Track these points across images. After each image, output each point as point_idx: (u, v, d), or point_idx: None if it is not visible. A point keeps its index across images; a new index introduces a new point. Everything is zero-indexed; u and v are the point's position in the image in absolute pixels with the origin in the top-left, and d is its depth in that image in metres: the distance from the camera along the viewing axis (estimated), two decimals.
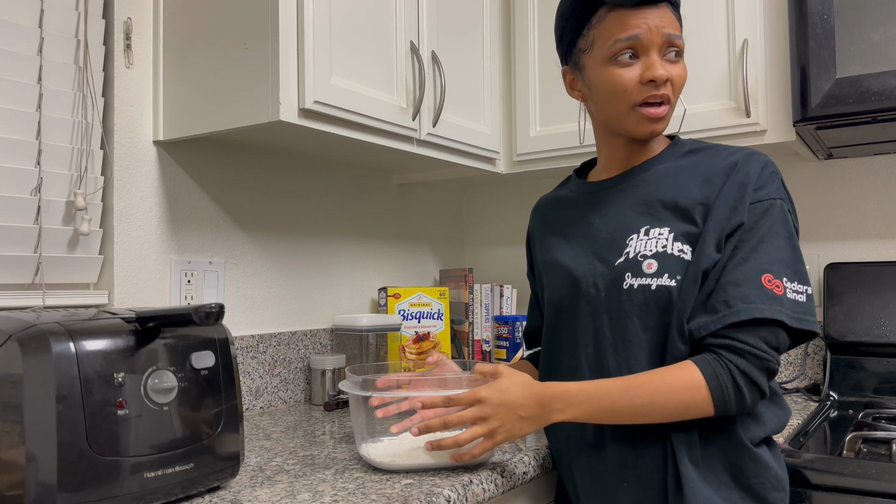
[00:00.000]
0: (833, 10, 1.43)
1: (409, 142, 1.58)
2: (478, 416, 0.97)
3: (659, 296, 0.99)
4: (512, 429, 0.98)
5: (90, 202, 1.33)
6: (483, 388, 0.99)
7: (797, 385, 1.83)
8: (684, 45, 1.05)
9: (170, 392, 0.91)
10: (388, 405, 1.07)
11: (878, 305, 1.68)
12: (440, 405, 1.00)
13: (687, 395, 0.92)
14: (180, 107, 1.40)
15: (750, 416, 0.99)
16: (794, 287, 0.95)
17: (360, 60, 1.42)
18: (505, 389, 0.98)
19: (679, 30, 1.05)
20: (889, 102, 1.38)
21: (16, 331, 0.83)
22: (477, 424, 0.98)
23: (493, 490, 1.05)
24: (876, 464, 1.14)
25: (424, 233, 2.21)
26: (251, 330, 1.62)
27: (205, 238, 1.53)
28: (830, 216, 1.84)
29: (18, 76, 1.25)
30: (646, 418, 0.94)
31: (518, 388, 0.98)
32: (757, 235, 0.96)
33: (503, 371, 1.01)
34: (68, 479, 0.80)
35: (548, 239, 1.18)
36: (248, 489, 0.99)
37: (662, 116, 1.03)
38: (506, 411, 0.97)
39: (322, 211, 1.83)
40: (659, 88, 1.02)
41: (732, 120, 1.59)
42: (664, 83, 1.02)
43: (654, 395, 0.93)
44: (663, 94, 1.02)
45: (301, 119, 1.30)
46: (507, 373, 1.01)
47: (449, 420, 0.98)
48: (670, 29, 1.02)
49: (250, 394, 1.58)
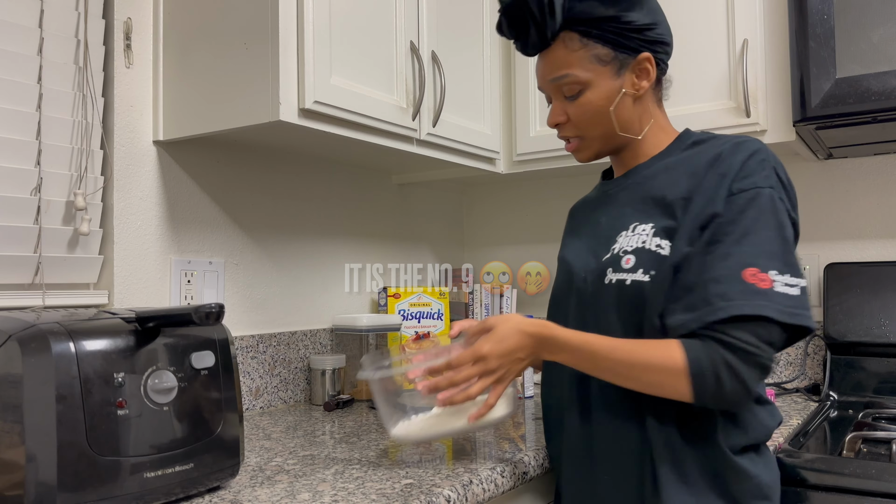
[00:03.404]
0: (833, 10, 1.43)
1: (409, 142, 1.58)
2: (483, 371, 1.00)
3: (633, 291, 0.98)
4: (514, 370, 1.02)
5: (90, 202, 1.33)
6: (482, 342, 1.00)
7: (797, 385, 1.83)
8: (581, 78, 1.05)
9: (170, 392, 0.91)
10: None
11: (878, 305, 1.68)
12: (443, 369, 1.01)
13: (664, 376, 0.91)
14: (180, 107, 1.40)
15: (732, 422, 0.96)
16: (786, 280, 0.90)
17: (360, 60, 1.42)
18: (503, 338, 0.99)
19: (571, 66, 1.05)
20: (889, 102, 1.38)
21: (16, 331, 0.83)
22: (483, 378, 1.00)
23: (493, 490, 1.05)
24: (876, 464, 1.14)
25: (424, 233, 2.21)
26: (251, 330, 1.62)
27: (205, 238, 1.53)
28: (830, 216, 1.84)
29: (18, 76, 1.25)
30: (624, 384, 0.96)
31: (515, 334, 1.00)
32: (741, 227, 0.92)
33: (494, 322, 1.02)
34: (68, 479, 0.80)
35: (566, 238, 1.22)
36: (248, 489, 0.99)
37: (575, 149, 1.12)
38: (508, 359, 1.00)
39: (322, 211, 1.83)
40: (561, 130, 1.11)
41: (732, 120, 1.59)
42: (562, 126, 1.10)
43: (633, 367, 0.93)
44: (564, 135, 1.11)
45: (301, 119, 1.30)
46: (498, 321, 1.01)
47: (455, 379, 1.00)
48: (555, 73, 1.06)
49: (250, 394, 1.58)
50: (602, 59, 1.04)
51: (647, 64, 1.05)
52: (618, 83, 1.05)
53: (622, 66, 1.05)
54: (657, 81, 1.10)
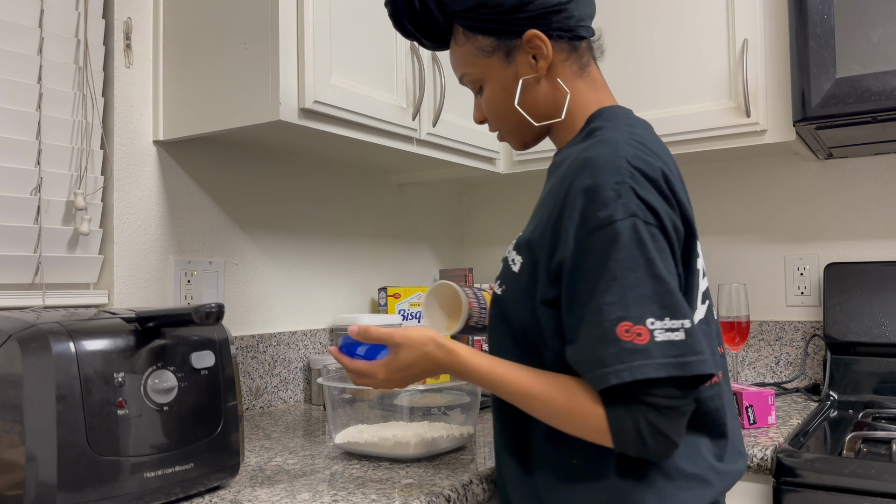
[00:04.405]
0: (833, 10, 1.43)
1: (409, 141, 1.58)
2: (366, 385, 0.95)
3: (495, 303, 0.95)
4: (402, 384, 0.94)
5: (90, 202, 1.33)
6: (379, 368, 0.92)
7: (797, 385, 1.83)
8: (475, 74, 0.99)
9: (170, 392, 0.91)
10: None
11: (878, 305, 1.68)
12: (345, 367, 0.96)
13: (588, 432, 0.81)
14: (180, 107, 1.40)
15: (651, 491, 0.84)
16: (666, 325, 0.77)
17: (361, 60, 1.42)
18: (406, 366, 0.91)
19: (464, 63, 1.00)
20: (889, 102, 1.38)
21: (16, 331, 0.83)
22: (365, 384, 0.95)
23: (493, 490, 1.05)
24: (876, 464, 1.14)
25: (424, 233, 2.21)
26: (251, 330, 1.62)
27: (205, 238, 1.53)
28: (830, 216, 1.84)
29: (18, 76, 1.25)
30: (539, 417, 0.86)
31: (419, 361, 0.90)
32: (605, 273, 0.78)
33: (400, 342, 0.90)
34: (68, 479, 0.80)
35: None
36: (248, 489, 0.99)
37: (503, 140, 1.06)
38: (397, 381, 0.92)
39: (322, 211, 1.83)
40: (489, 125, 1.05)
41: (732, 120, 1.59)
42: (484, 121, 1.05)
43: (552, 417, 0.83)
44: (490, 129, 1.06)
45: (301, 119, 1.30)
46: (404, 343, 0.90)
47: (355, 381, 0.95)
48: (456, 72, 1.03)
49: (250, 394, 1.58)
50: (486, 51, 0.97)
51: (536, 41, 0.94)
52: (511, 71, 0.96)
53: (509, 52, 0.96)
54: (573, 50, 0.97)
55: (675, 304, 0.78)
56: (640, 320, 0.77)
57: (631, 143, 0.85)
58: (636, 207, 0.80)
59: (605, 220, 0.79)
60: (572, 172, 0.84)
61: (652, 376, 0.75)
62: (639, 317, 0.77)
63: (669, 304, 0.78)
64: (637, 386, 0.77)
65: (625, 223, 0.79)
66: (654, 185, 0.82)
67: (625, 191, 0.80)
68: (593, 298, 0.79)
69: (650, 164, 0.83)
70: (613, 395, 0.79)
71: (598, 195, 0.80)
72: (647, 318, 0.77)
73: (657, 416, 0.77)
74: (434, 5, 0.97)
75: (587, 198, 0.81)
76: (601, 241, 0.79)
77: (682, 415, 0.79)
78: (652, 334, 0.77)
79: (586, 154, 0.84)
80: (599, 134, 0.89)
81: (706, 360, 0.78)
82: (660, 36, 1.69)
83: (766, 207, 1.91)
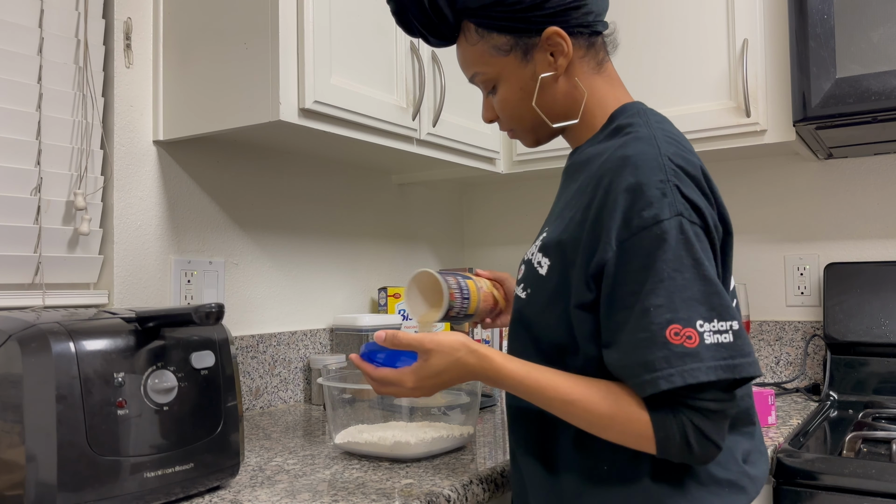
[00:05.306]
0: (833, 10, 1.43)
1: (409, 142, 1.58)
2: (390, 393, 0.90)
3: (516, 308, 0.92)
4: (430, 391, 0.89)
5: (90, 202, 1.33)
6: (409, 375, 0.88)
7: (797, 385, 1.83)
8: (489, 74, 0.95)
9: (170, 392, 0.91)
10: None
11: (878, 305, 1.68)
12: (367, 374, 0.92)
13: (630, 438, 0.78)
14: (180, 107, 1.40)
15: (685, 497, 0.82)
16: (714, 327, 0.75)
17: (361, 60, 1.42)
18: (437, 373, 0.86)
19: (476, 62, 0.95)
20: (889, 102, 1.38)
21: (16, 331, 0.83)
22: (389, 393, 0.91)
23: (493, 490, 1.05)
24: (876, 464, 1.14)
25: (424, 233, 2.21)
26: (251, 330, 1.62)
27: (205, 238, 1.53)
28: (830, 216, 1.84)
29: (18, 76, 1.25)
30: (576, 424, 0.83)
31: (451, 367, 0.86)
32: (651, 275, 0.76)
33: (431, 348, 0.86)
34: (68, 479, 0.80)
35: None
36: (248, 489, 0.99)
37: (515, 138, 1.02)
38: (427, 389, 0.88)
39: (322, 211, 1.83)
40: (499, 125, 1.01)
41: (732, 120, 1.59)
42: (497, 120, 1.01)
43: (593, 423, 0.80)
44: (501, 128, 1.02)
45: (301, 119, 1.30)
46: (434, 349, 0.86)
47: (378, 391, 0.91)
48: (467, 71, 0.98)
49: (250, 394, 1.58)
50: (502, 49, 0.92)
51: (556, 39, 0.90)
52: (529, 70, 0.93)
53: (527, 50, 0.92)
54: (590, 46, 0.94)
55: (723, 305, 0.76)
56: (689, 323, 0.75)
57: (668, 140, 0.83)
58: (682, 206, 0.77)
59: (651, 220, 0.76)
60: (610, 171, 0.81)
61: (703, 380, 0.73)
62: (688, 319, 0.75)
63: (717, 306, 0.76)
64: (684, 390, 0.75)
65: (671, 222, 0.76)
66: (696, 183, 0.80)
67: (670, 189, 0.77)
68: (638, 300, 0.76)
69: (691, 162, 0.81)
70: (659, 399, 0.76)
71: (642, 194, 0.77)
72: (697, 320, 0.75)
73: (703, 420, 0.75)
74: (444, 2, 0.92)
75: (631, 196, 0.78)
76: (647, 242, 0.76)
77: (727, 418, 0.78)
78: (701, 337, 0.74)
79: (624, 151, 0.81)
80: (632, 131, 0.86)
81: (754, 362, 0.76)
82: (660, 36, 1.69)
83: (766, 207, 1.91)
